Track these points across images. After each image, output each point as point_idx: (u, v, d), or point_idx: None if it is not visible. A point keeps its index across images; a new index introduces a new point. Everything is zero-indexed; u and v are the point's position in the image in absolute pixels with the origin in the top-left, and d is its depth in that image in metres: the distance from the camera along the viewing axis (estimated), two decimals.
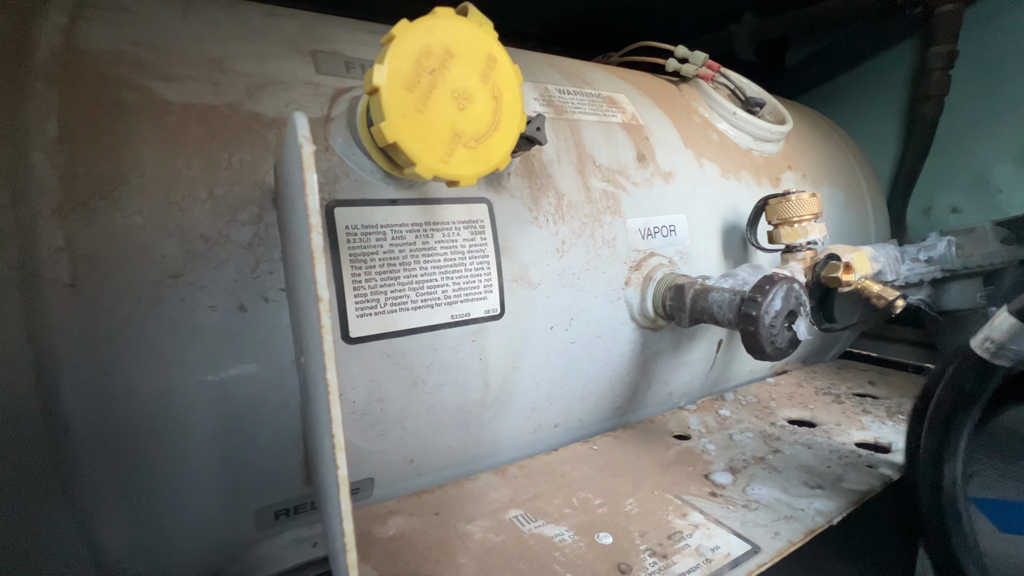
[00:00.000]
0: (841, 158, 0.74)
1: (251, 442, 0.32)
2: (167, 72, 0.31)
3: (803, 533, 0.35)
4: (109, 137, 0.29)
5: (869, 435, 0.50)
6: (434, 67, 0.25)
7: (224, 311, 0.30)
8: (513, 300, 0.40)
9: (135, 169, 0.29)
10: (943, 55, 0.72)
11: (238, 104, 0.33)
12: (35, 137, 0.27)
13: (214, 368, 0.30)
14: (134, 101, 0.30)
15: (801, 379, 0.66)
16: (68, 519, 0.29)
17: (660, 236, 0.49)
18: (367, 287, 0.34)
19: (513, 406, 0.43)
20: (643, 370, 0.51)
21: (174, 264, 0.29)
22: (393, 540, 0.35)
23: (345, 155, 0.34)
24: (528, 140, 0.35)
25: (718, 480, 0.42)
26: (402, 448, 0.38)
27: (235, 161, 0.32)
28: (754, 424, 0.52)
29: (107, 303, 0.27)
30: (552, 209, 0.43)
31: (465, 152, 0.26)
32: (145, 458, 0.29)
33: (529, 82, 0.47)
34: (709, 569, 0.32)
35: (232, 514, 0.33)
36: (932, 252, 0.57)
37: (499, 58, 0.27)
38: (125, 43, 0.31)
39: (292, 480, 0.35)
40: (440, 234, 0.37)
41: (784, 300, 0.37)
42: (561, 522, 0.37)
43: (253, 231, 0.31)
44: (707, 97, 0.59)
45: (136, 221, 0.28)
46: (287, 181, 0.21)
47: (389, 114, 0.24)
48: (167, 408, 0.29)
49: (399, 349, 0.36)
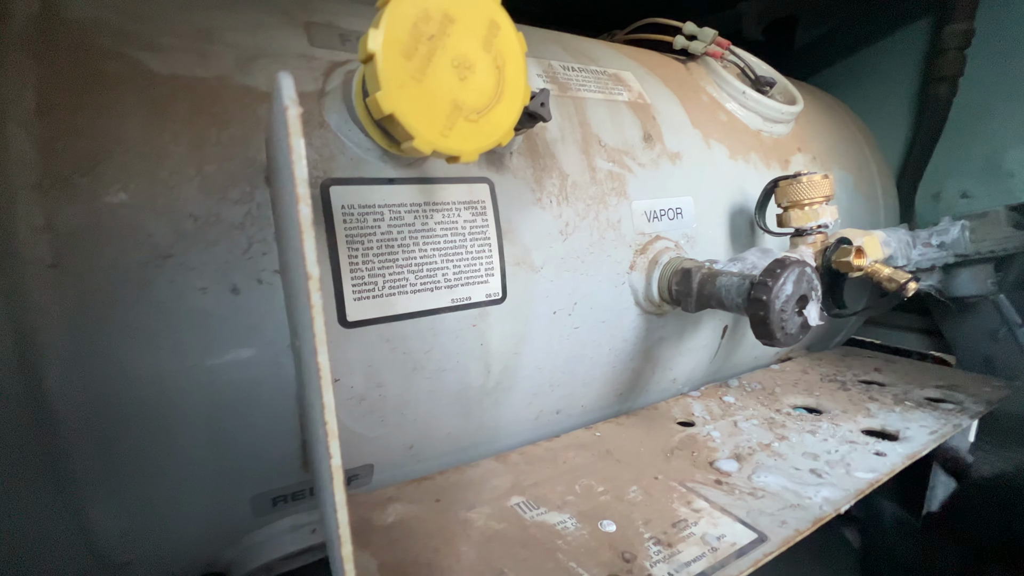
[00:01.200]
0: (851, 140, 0.72)
1: (246, 428, 0.31)
2: (152, 42, 0.30)
3: (811, 522, 0.35)
4: (91, 110, 0.27)
5: (876, 422, 0.49)
6: (433, 33, 0.23)
7: (216, 293, 0.29)
8: (515, 284, 0.39)
9: (119, 144, 0.27)
10: (959, 34, 0.70)
11: (228, 77, 0.31)
12: (11, 109, 0.25)
13: (207, 352, 0.29)
14: (117, 72, 0.28)
15: (806, 366, 0.65)
16: (60, 505, 0.28)
17: (666, 219, 0.48)
18: (364, 269, 0.33)
19: (515, 392, 0.42)
20: (647, 356, 0.50)
21: (162, 244, 0.28)
22: (393, 527, 0.34)
23: (340, 131, 0.33)
24: (531, 116, 0.33)
25: (723, 467, 0.41)
26: (401, 434, 0.37)
27: (225, 137, 0.30)
28: (759, 411, 0.52)
29: (93, 284, 0.26)
30: (556, 190, 0.41)
31: (466, 125, 0.25)
32: (137, 444, 0.29)
33: (532, 57, 0.45)
34: (715, 558, 0.32)
35: (228, 500, 0.33)
36: (945, 237, 0.56)
37: (502, 25, 0.25)
38: (107, 11, 0.29)
39: (290, 466, 0.34)
40: (440, 215, 0.36)
41: (795, 284, 0.35)
42: (564, 509, 0.36)
43: (245, 210, 0.30)
44: (716, 76, 0.57)
45: (121, 199, 0.27)
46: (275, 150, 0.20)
47: (385, 83, 0.23)
48: (159, 393, 0.28)
49: (398, 333, 0.35)
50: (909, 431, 0.47)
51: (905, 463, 0.42)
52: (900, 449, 0.43)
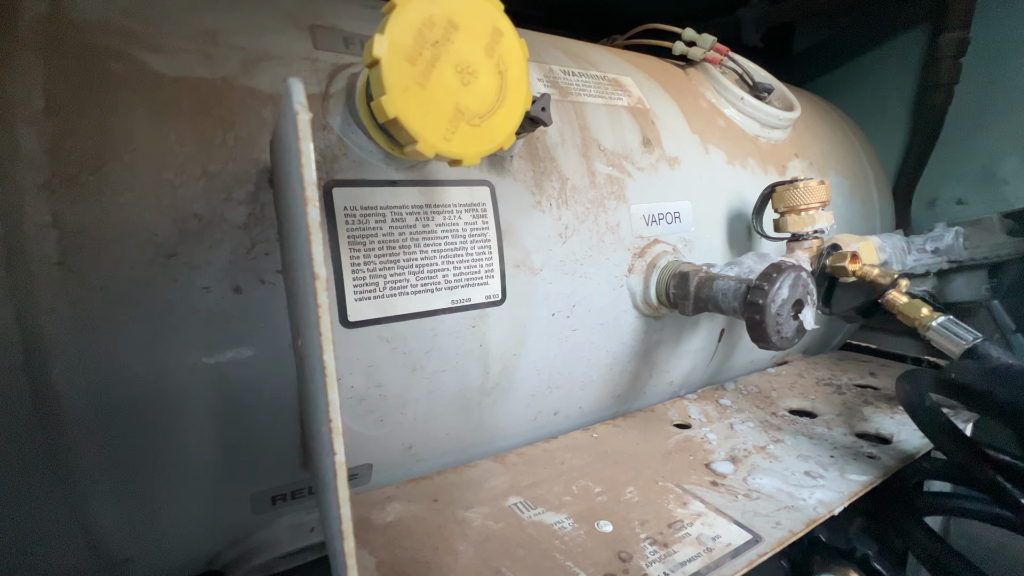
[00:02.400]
0: (848, 146, 0.72)
1: (247, 426, 0.32)
2: (158, 43, 0.30)
3: (805, 523, 0.35)
4: (98, 110, 0.27)
5: (871, 426, 0.49)
6: (437, 39, 0.24)
7: (219, 292, 0.29)
8: (515, 286, 0.40)
9: (125, 144, 0.28)
10: (954, 42, 0.70)
11: (233, 79, 0.32)
12: (20, 109, 0.26)
13: (209, 351, 0.30)
14: (124, 73, 0.29)
15: (802, 370, 0.66)
16: (62, 501, 0.28)
17: (665, 223, 0.48)
18: (366, 270, 0.33)
19: (513, 393, 0.42)
20: (644, 359, 0.50)
21: (167, 243, 0.28)
22: (391, 526, 0.34)
23: (344, 134, 0.33)
24: (532, 121, 0.33)
25: (719, 469, 0.42)
26: (401, 434, 0.38)
27: (230, 138, 0.30)
28: (755, 414, 0.52)
29: (98, 282, 0.27)
30: (555, 193, 0.42)
31: (468, 130, 0.25)
32: (139, 441, 0.29)
33: (533, 62, 0.46)
34: (710, 558, 0.32)
35: (228, 498, 0.33)
36: (939, 243, 0.56)
37: (505, 31, 0.26)
38: (114, 12, 0.30)
39: (289, 465, 0.34)
40: (441, 217, 0.36)
41: (791, 288, 0.36)
42: (561, 510, 0.37)
43: (248, 211, 0.30)
44: (714, 82, 0.58)
45: (127, 198, 0.27)
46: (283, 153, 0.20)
47: (390, 88, 0.23)
48: (161, 390, 0.29)
49: (398, 334, 0.35)
50: (902, 434, 0.47)
51: (898, 466, 0.42)
52: (893, 452, 0.44)
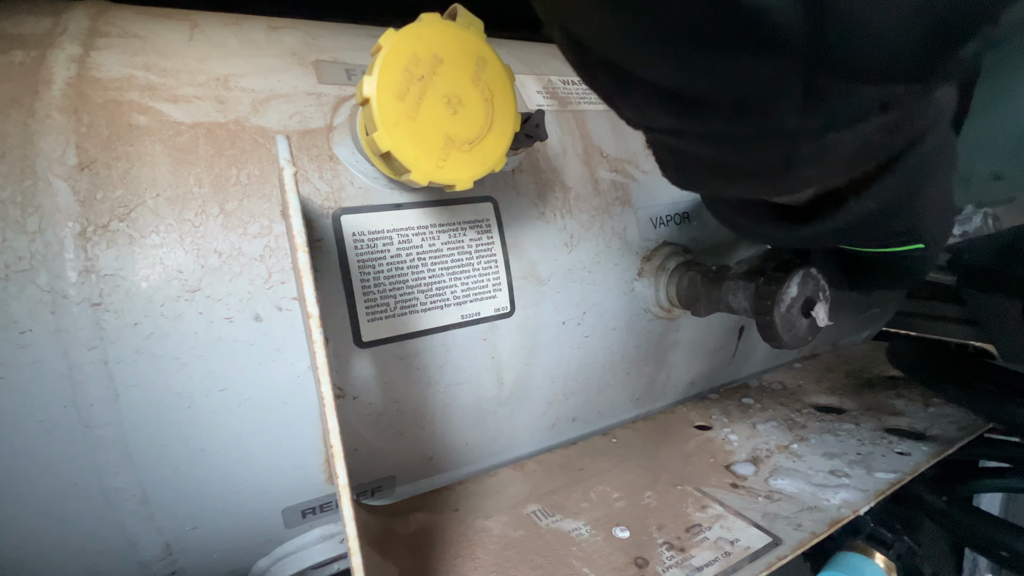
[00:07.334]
0: None
1: (274, 445, 0.34)
2: (175, 94, 0.33)
3: (827, 524, 0.34)
4: (124, 161, 0.30)
5: (902, 420, 0.48)
6: (423, 73, 0.25)
7: (240, 321, 0.31)
8: (523, 297, 0.40)
9: (150, 190, 0.30)
10: None
11: (244, 119, 0.34)
12: (56, 166, 0.28)
13: (235, 377, 0.32)
14: (146, 124, 0.31)
15: (831, 363, 0.64)
16: (111, 522, 0.31)
17: (673, 224, 0.48)
18: (376, 292, 0.35)
19: (529, 402, 0.43)
20: (661, 361, 0.50)
21: (191, 279, 0.30)
22: (413, 536, 0.36)
23: (349, 163, 0.35)
24: (528, 137, 0.34)
25: (739, 471, 0.41)
26: (420, 446, 0.39)
27: (243, 176, 0.33)
28: (778, 412, 0.51)
29: (131, 320, 0.29)
30: (559, 203, 0.43)
31: (460, 155, 0.26)
32: (175, 464, 0.31)
33: (532, 74, 0.47)
34: (728, 562, 0.32)
35: (261, 513, 0.35)
36: (967, 226, 0.54)
37: (489, 59, 0.27)
38: (135, 68, 0.32)
39: (316, 480, 0.36)
40: (446, 235, 0.37)
41: (801, 287, 0.35)
42: (579, 516, 0.37)
43: (264, 243, 0.32)
44: None
45: (153, 240, 0.30)
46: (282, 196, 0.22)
47: (381, 124, 0.24)
48: (193, 416, 0.31)
49: (411, 350, 0.36)
50: (935, 428, 0.45)
51: (930, 462, 0.41)
52: (925, 448, 0.43)
